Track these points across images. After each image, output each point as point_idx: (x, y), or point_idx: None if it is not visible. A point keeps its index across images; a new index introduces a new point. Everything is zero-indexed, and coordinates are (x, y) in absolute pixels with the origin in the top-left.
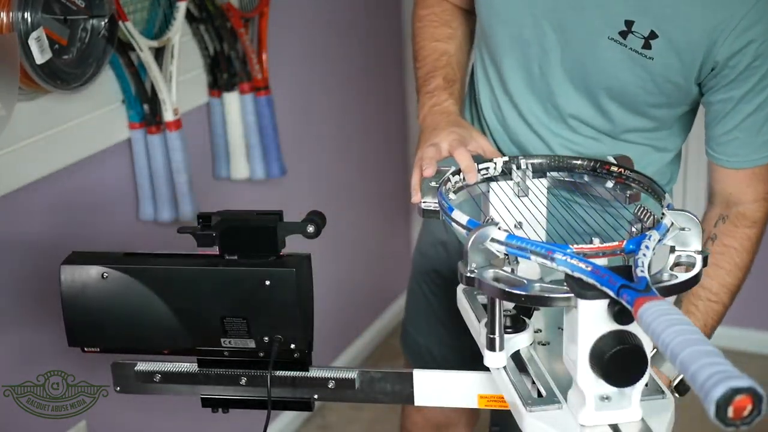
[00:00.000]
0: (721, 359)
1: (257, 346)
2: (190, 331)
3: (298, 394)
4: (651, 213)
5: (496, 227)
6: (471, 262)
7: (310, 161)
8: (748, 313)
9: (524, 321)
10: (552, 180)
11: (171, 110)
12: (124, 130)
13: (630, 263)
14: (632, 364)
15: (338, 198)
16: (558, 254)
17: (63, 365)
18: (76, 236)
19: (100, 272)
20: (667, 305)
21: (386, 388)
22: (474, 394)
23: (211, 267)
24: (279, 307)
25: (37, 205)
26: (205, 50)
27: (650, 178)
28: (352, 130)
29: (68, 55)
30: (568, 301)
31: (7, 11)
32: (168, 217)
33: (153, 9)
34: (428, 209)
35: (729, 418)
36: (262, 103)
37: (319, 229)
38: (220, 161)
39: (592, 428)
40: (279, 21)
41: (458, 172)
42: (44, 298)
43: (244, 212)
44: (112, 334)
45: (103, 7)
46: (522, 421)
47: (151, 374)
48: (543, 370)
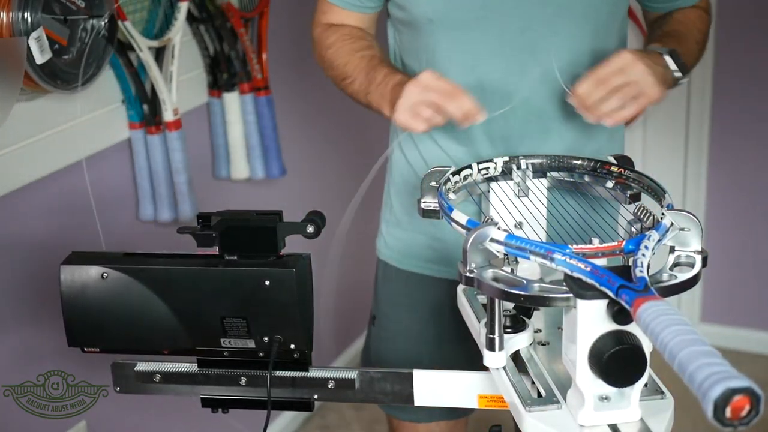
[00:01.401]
0: (719, 359)
1: (257, 346)
2: (190, 331)
3: (298, 394)
4: (651, 213)
5: (495, 227)
6: (470, 262)
7: (310, 161)
8: (748, 313)
9: (524, 321)
10: (552, 180)
11: (171, 110)
12: (124, 130)
13: (629, 263)
14: (631, 364)
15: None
16: (557, 254)
17: (63, 365)
18: (76, 236)
19: (100, 272)
20: (666, 305)
21: (386, 388)
22: (474, 394)
23: (210, 267)
24: (279, 308)
25: (37, 205)
26: (205, 50)
27: (650, 178)
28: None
29: (68, 55)
30: (568, 302)
31: (7, 11)
32: (168, 217)
33: (153, 9)
34: (428, 209)
35: (727, 419)
36: (262, 103)
37: (319, 229)
38: (220, 161)
39: (591, 428)
40: (279, 21)
41: (458, 172)
42: (44, 298)
43: (243, 212)
44: (112, 334)
45: (102, 7)
46: (521, 421)
47: (151, 374)
48: (542, 370)
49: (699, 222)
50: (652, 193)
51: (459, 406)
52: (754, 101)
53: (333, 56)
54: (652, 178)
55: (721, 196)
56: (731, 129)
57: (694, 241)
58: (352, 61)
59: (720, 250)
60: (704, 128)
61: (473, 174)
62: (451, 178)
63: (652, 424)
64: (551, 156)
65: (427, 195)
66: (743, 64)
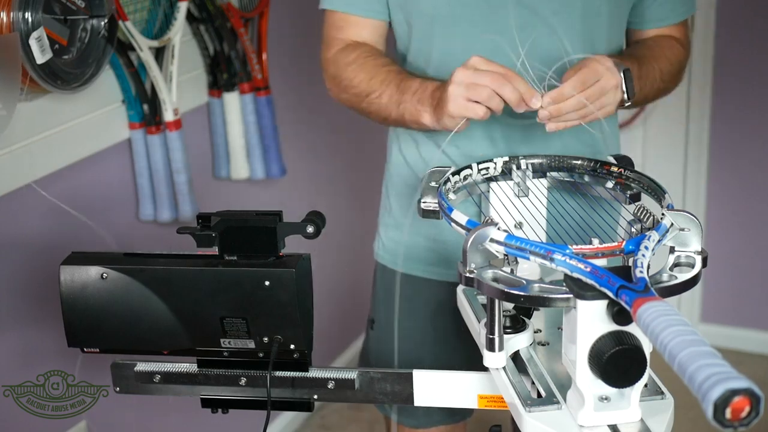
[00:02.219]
0: (720, 360)
1: (257, 347)
2: (190, 331)
3: (298, 394)
4: (651, 213)
5: (495, 227)
6: (470, 263)
7: (310, 161)
8: (748, 313)
9: (524, 321)
10: (552, 180)
11: (171, 110)
12: (124, 130)
13: (629, 264)
14: (631, 364)
15: (338, 198)
16: (557, 255)
17: (63, 365)
18: (76, 236)
19: (100, 272)
20: (666, 306)
21: (386, 388)
22: (474, 394)
23: (210, 267)
24: (279, 308)
25: (37, 205)
26: (205, 50)
27: (650, 178)
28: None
29: (68, 55)
30: (568, 302)
31: (7, 11)
32: (168, 217)
33: (153, 9)
34: (428, 209)
35: (727, 420)
36: (262, 103)
37: (319, 229)
38: (220, 161)
39: (591, 429)
40: (279, 21)
41: (458, 172)
42: (44, 298)
43: (243, 212)
44: (112, 335)
45: (103, 7)
46: (521, 422)
47: (151, 374)
48: (542, 371)
49: (699, 222)
50: (652, 193)
51: (459, 406)
52: (754, 101)
53: (354, 73)
54: (652, 178)
55: (721, 197)
56: (731, 129)
57: (694, 242)
58: (379, 75)
59: (720, 251)
60: (704, 128)
61: (473, 174)
62: (451, 179)
63: (652, 425)
64: (551, 156)
65: (426, 195)
66: (743, 64)
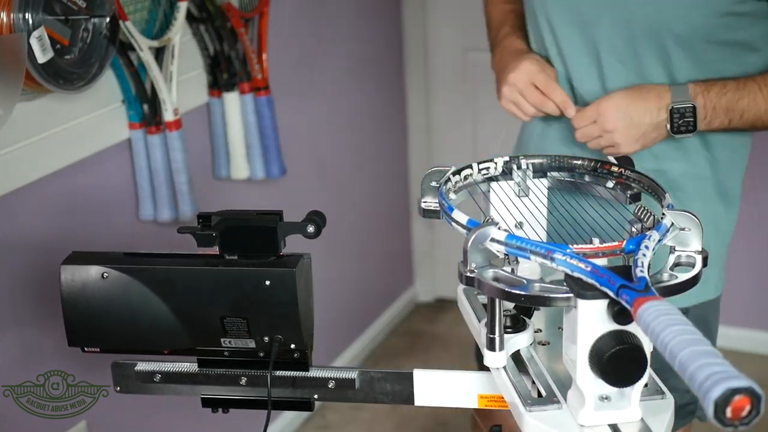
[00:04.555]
0: (720, 359)
1: (257, 346)
2: (190, 331)
3: (298, 394)
4: (651, 213)
5: (495, 227)
6: (471, 262)
7: (310, 161)
8: (748, 313)
9: (524, 321)
10: (552, 180)
11: (171, 110)
12: (124, 130)
13: (630, 263)
14: (632, 364)
15: (338, 198)
16: (557, 254)
17: (63, 365)
18: (76, 236)
19: (100, 272)
20: (667, 305)
21: (386, 388)
22: (474, 394)
23: (210, 267)
24: (279, 307)
25: (37, 205)
26: (205, 50)
27: (651, 178)
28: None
29: (70, 55)
30: (568, 301)
31: (7, 11)
32: (168, 217)
33: (153, 9)
34: (428, 209)
35: (727, 419)
36: (262, 103)
37: (319, 229)
38: (220, 161)
39: (591, 428)
40: (279, 21)
41: (459, 172)
42: (44, 298)
43: (243, 212)
44: (112, 334)
45: (103, 7)
46: (521, 421)
47: (151, 374)
48: (543, 370)
49: (699, 222)
50: (652, 193)
51: (459, 405)
52: None
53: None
54: (652, 178)
55: None
56: None
57: (695, 241)
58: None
59: None
60: None
61: (473, 174)
62: (452, 178)
63: (652, 424)
64: (551, 156)
65: (427, 195)
66: None
